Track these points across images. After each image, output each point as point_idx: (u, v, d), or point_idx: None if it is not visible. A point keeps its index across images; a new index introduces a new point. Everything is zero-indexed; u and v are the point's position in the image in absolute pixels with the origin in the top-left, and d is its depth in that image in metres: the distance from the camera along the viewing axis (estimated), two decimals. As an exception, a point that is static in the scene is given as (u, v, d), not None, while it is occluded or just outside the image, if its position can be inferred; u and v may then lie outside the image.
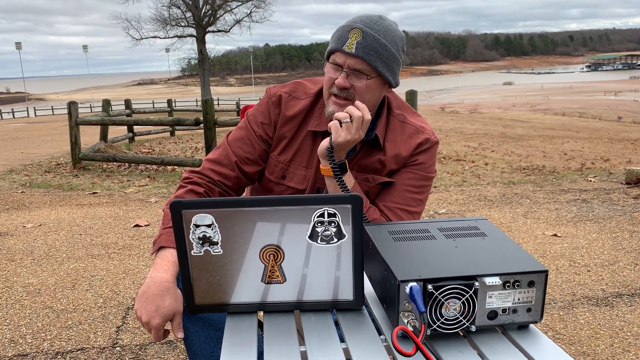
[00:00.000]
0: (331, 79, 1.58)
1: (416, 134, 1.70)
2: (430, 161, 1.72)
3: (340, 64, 1.55)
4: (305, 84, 1.76)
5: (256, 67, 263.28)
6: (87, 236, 4.51)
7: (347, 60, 1.54)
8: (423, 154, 1.70)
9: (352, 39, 1.53)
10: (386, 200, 1.67)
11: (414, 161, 1.69)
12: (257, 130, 1.71)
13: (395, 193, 1.67)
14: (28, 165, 9.31)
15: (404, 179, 1.68)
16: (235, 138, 1.72)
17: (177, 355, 2.50)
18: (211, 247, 1.06)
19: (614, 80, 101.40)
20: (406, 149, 1.68)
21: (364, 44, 1.53)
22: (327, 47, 1.67)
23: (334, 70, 1.58)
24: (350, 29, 1.54)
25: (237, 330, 1.08)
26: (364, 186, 1.67)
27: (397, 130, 1.70)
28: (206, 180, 1.64)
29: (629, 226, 4.44)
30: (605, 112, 35.81)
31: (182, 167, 8.71)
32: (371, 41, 1.53)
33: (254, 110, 1.75)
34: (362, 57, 1.53)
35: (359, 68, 1.55)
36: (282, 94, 1.72)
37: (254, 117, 1.73)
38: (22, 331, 2.77)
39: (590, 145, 14.62)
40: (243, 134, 1.72)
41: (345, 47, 1.53)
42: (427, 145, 1.70)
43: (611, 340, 2.58)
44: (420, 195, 1.70)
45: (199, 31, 40.32)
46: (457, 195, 5.98)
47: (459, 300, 0.99)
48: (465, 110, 40.40)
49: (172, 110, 17.50)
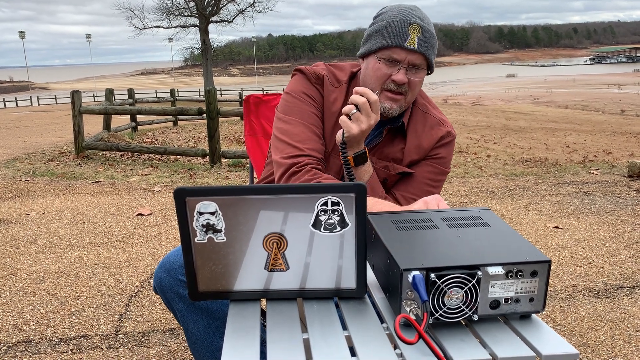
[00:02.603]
0: (386, 74, 1.56)
1: (437, 126, 1.71)
2: (449, 156, 1.74)
3: (400, 60, 1.53)
4: (334, 71, 1.72)
5: (259, 57, 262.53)
6: (90, 224, 4.52)
7: (408, 56, 1.53)
8: (444, 147, 1.72)
9: (414, 35, 1.51)
10: (403, 190, 1.68)
11: (435, 154, 1.70)
12: (308, 96, 1.66)
13: (414, 184, 1.68)
14: (31, 153, 9.33)
15: (424, 171, 1.69)
16: (301, 114, 1.64)
17: (179, 343, 2.51)
18: (215, 235, 1.07)
19: (617, 73, 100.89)
20: (428, 141, 1.69)
21: (424, 40, 1.52)
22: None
23: (389, 66, 1.55)
24: (409, 24, 1.52)
25: (240, 318, 1.08)
26: (383, 174, 1.67)
27: (419, 121, 1.70)
28: (314, 160, 1.58)
29: (630, 219, 4.44)
30: (608, 105, 35.67)
31: (184, 157, 8.71)
32: (429, 36, 1.53)
33: (293, 86, 1.69)
34: (424, 53, 1.52)
35: (419, 63, 1.54)
36: (325, 74, 1.67)
37: (300, 90, 1.67)
38: (25, 318, 2.79)
39: (592, 138, 14.58)
40: (305, 107, 1.64)
41: (408, 44, 1.51)
42: (449, 139, 1.72)
43: (612, 331, 2.58)
44: (435, 189, 1.72)
45: (202, 21, 40.21)
46: (460, 187, 5.98)
47: (462, 289, 0.99)
48: (468, 102, 40.29)
49: (175, 100, 17.49)
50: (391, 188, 1.70)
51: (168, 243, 3.99)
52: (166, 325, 2.69)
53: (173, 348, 2.47)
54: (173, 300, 1.57)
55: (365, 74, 1.64)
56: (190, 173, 7.28)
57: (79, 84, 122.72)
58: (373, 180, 1.61)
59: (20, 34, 59.19)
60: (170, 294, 1.56)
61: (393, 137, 1.68)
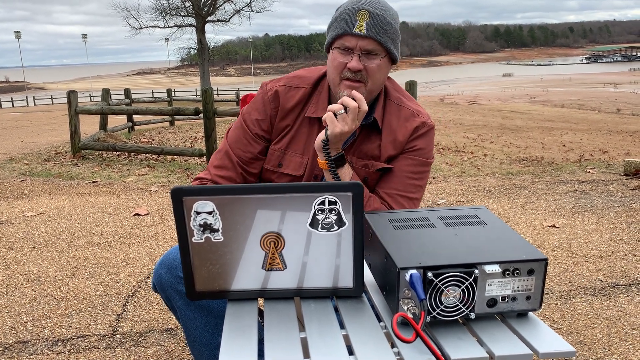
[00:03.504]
0: (341, 63, 1.56)
1: (412, 117, 1.69)
2: (428, 147, 1.71)
3: (351, 47, 1.54)
4: (302, 74, 1.75)
5: (256, 57, 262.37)
6: (87, 225, 4.51)
7: (358, 42, 1.53)
8: (421, 139, 1.69)
9: (362, 21, 1.52)
10: (386, 187, 1.67)
11: (412, 147, 1.68)
12: (252, 128, 1.71)
13: (395, 179, 1.67)
14: (28, 154, 9.30)
15: (403, 165, 1.68)
16: (234, 139, 1.73)
17: (177, 343, 2.51)
18: (212, 234, 1.07)
19: (613, 72, 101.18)
20: (403, 133, 1.67)
21: (373, 24, 1.52)
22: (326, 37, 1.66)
23: (343, 55, 1.56)
24: (357, 11, 1.53)
25: (237, 317, 1.09)
26: (363, 172, 1.67)
27: (393, 115, 1.69)
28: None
29: (626, 217, 4.46)
30: (604, 104, 35.77)
31: (181, 157, 8.70)
32: (379, 20, 1.53)
33: (249, 107, 1.75)
34: (374, 37, 1.52)
35: (371, 49, 1.54)
36: (278, 88, 1.71)
37: (249, 114, 1.73)
38: (22, 318, 2.78)
39: (589, 137, 14.62)
40: (240, 134, 1.73)
41: (356, 29, 1.52)
42: (424, 129, 1.70)
43: (608, 329, 2.59)
44: (420, 182, 1.70)
45: (198, 21, 40.14)
46: (456, 186, 5.98)
47: (459, 288, 0.99)
48: (464, 101, 40.34)
49: (172, 100, 17.44)
50: (374, 186, 1.69)
51: (165, 243, 3.99)
52: (164, 325, 2.69)
53: (170, 348, 2.47)
54: (173, 298, 1.57)
55: (327, 67, 1.66)
56: (187, 173, 7.28)
57: (76, 84, 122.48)
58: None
59: (16, 34, 59.01)
60: (170, 291, 1.56)
61: (369, 134, 1.67)
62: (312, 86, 1.71)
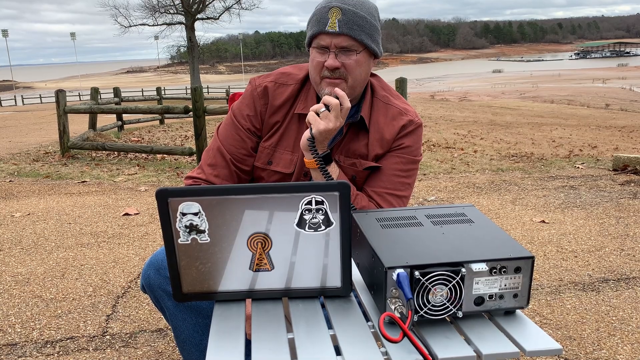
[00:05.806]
0: (319, 62, 1.56)
1: (399, 116, 1.69)
2: (416, 144, 1.71)
3: (326, 45, 1.54)
4: (291, 71, 1.74)
5: (246, 54, 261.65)
6: (76, 225, 4.48)
7: (332, 40, 1.53)
8: (408, 137, 1.69)
9: (333, 18, 1.52)
10: (374, 186, 1.66)
11: (399, 145, 1.68)
12: (244, 124, 1.70)
13: (384, 178, 1.67)
14: (16, 154, 9.23)
15: (391, 163, 1.67)
16: (225, 136, 1.71)
17: (167, 343, 2.50)
18: (198, 236, 1.06)
19: (602, 67, 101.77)
20: (390, 132, 1.67)
21: (345, 21, 1.52)
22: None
23: (321, 54, 1.56)
24: (328, 9, 1.53)
25: (224, 318, 1.08)
26: (351, 171, 1.67)
27: (380, 113, 1.69)
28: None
29: (615, 212, 4.49)
30: (593, 99, 35.99)
31: (171, 156, 8.66)
32: (352, 16, 1.52)
33: (238, 103, 1.74)
34: (347, 34, 1.52)
35: (346, 45, 1.54)
36: (268, 84, 1.70)
37: (239, 110, 1.72)
38: (11, 320, 2.76)
39: (578, 133, 14.70)
40: (232, 131, 1.71)
41: (328, 28, 1.52)
42: (412, 127, 1.69)
43: (597, 324, 2.61)
44: (408, 179, 1.70)
45: (188, 18, 40.00)
46: (446, 183, 6.00)
47: (446, 287, 1.00)
48: (454, 98, 40.44)
49: (162, 98, 17.38)
50: (362, 185, 1.69)
51: (155, 243, 3.97)
52: (154, 326, 2.68)
53: (161, 349, 2.46)
54: (162, 299, 1.57)
55: (309, 67, 1.66)
56: (178, 172, 7.25)
57: (64, 82, 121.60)
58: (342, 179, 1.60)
59: (4, 32, 58.54)
60: (159, 292, 1.55)
61: (357, 133, 1.67)
62: (300, 83, 1.70)
